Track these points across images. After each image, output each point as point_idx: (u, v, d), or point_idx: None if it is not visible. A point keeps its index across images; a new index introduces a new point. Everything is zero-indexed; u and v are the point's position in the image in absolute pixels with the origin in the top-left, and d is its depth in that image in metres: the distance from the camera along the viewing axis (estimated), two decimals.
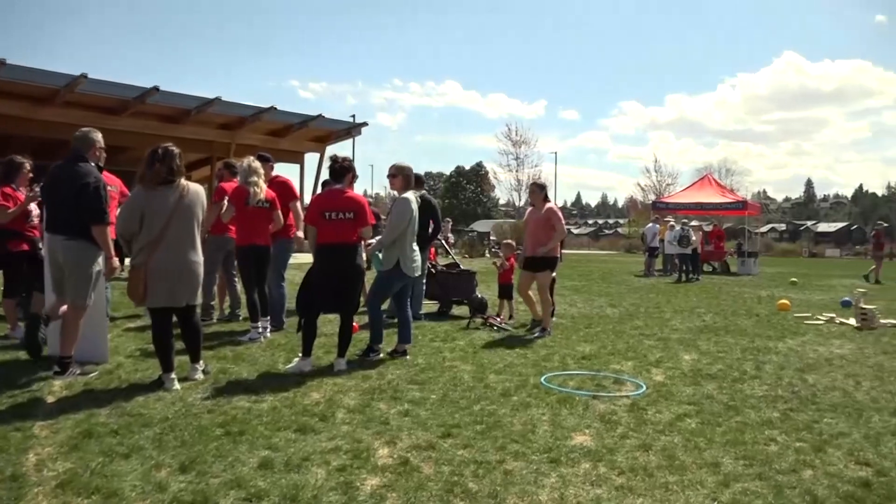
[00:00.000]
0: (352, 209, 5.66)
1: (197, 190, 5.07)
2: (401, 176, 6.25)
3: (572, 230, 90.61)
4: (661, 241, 19.92)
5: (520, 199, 54.47)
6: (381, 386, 5.07)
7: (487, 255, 30.48)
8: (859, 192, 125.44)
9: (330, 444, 3.73)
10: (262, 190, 6.85)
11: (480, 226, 65.30)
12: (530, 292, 8.22)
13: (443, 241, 15.88)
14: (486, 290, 9.95)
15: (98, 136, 5.38)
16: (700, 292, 14.19)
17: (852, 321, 9.13)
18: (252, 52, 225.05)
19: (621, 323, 8.94)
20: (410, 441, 3.82)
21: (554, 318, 8.65)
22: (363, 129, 28.43)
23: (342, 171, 5.82)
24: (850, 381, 5.65)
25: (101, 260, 5.20)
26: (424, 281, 8.82)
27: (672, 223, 19.40)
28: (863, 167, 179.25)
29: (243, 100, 30.74)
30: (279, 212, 7.15)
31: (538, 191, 8.10)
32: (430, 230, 8.20)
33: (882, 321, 9.07)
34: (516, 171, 53.68)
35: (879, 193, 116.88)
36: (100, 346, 5.61)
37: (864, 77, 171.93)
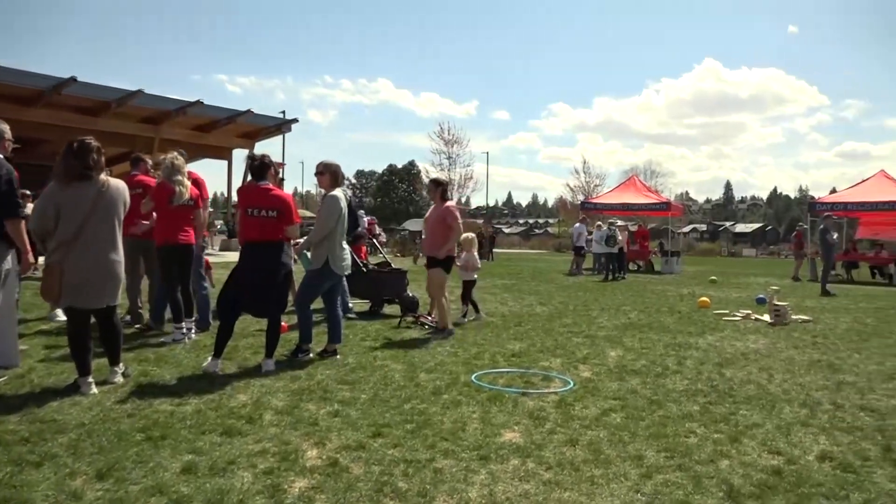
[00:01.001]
0: (276, 207, 5.55)
1: (118, 186, 4.87)
2: (328, 173, 6.17)
3: (504, 229, 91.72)
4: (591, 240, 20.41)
5: (451, 198, 54.76)
6: (310, 386, 5.00)
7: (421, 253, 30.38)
8: (774, 195, 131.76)
9: (257, 446, 3.65)
10: (188, 188, 6.64)
11: (412, 225, 65.30)
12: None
13: (374, 240, 15.79)
14: (418, 289, 9.95)
15: (5, 128, 5.10)
16: (626, 290, 14.60)
17: (766, 317, 9.57)
18: (177, 44, 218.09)
19: (550, 321, 9.11)
20: (340, 441, 3.78)
21: (483, 316, 8.73)
22: (293, 126, 28.01)
23: (262, 167, 5.68)
24: (763, 374, 5.92)
25: (10, 258, 4.93)
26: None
27: (599, 223, 19.91)
28: (777, 171, 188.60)
29: (168, 93, 29.76)
30: (202, 210, 6.97)
31: (435, 188, 7.82)
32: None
33: (793, 317, 9.56)
34: (449, 170, 53.74)
35: (792, 196, 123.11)
36: (9, 349, 5.31)
37: (777, 85, 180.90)
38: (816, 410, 4.72)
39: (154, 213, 6.66)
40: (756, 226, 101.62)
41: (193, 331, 6.81)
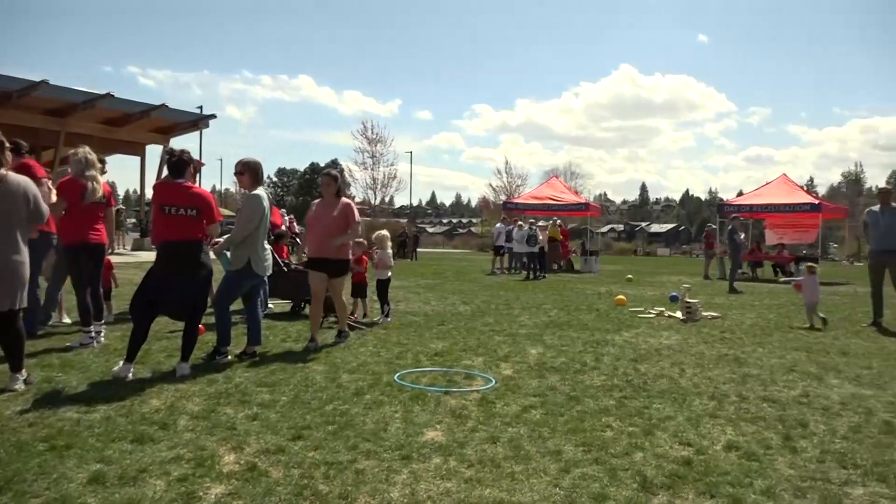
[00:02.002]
0: (195, 205, 5.36)
1: (18, 181, 4.60)
2: (249, 172, 6.02)
3: (427, 229, 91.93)
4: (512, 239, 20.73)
5: (375, 198, 54.36)
6: (228, 390, 4.86)
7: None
8: (686, 196, 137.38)
9: (170, 453, 3.52)
10: (101, 184, 6.34)
11: None
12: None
13: (297, 239, 15.51)
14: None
15: None
16: (546, 289, 14.90)
17: (679, 314, 9.97)
18: (85, 33, 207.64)
19: (473, 320, 9.19)
20: (259, 445, 3.69)
21: (389, 318, 8.67)
22: (211, 122, 27.22)
23: (181, 164, 5.46)
24: (675, 369, 6.16)
25: None
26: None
27: (520, 223, 20.25)
28: (689, 174, 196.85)
29: (75, 84, 28.34)
30: (113, 209, 6.68)
31: (332, 182, 6.83)
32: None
33: (703, 314, 9.99)
34: (372, 169, 53.51)
35: (703, 198, 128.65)
36: None
37: (689, 91, 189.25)
38: (724, 402, 4.95)
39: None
40: (670, 226, 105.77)
41: (102, 334, 6.51)
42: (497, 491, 3.18)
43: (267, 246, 6.22)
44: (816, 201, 22.57)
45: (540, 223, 20.99)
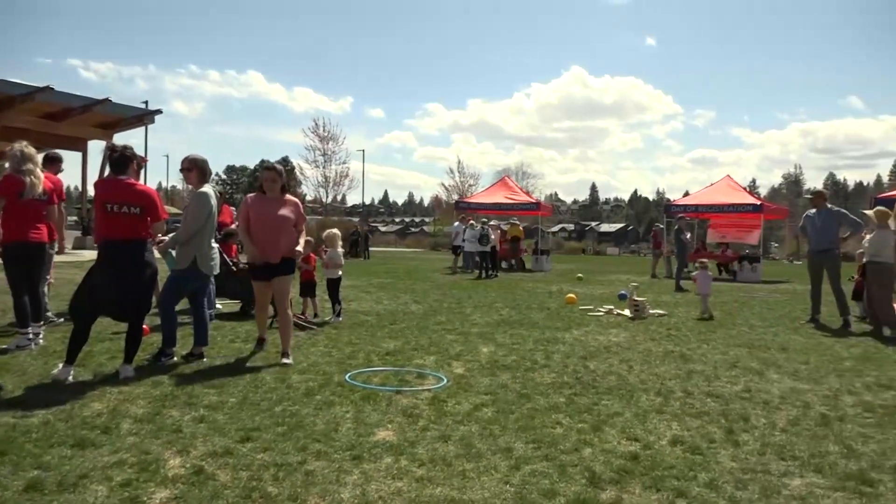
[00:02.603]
0: (139, 202, 5.21)
1: None
2: (196, 169, 5.89)
3: (380, 228, 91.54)
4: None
5: (327, 196, 53.86)
6: (173, 392, 4.74)
7: None
8: (634, 197, 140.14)
9: (113, 457, 3.42)
10: (41, 180, 6.11)
11: None
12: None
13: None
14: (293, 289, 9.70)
15: None
16: (498, 288, 15.00)
17: (627, 312, 10.16)
18: (22, 22, 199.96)
19: (425, 319, 9.19)
20: (206, 448, 3.62)
21: (340, 318, 8.61)
22: (157, 118, 26.53)
23: (124, 160, 5.29)
24: (624, 365, 6.28)
25: None
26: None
27: (472, 222, 20.37)
28: (637, 174, 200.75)
29: (11, 77, 27.25)
30: (56, 206, 6.45)
31: (278, 178, 6.15)
32: None
33: (651, 311, 10.21)
34: (323, 167, 52.98)
35: (650, 198, 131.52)
36: None
37: (637, 93, 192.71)
38: (669, 398, 5.06)
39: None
40: (619, 226, 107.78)
41: (41, 336, 6.28)
42: (448, 489, 3.19)
43: (214, 245, 6.10)
44: (758, 202, 23.28)
45: (492, 222, 21.14)
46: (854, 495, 3.24)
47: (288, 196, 6.23)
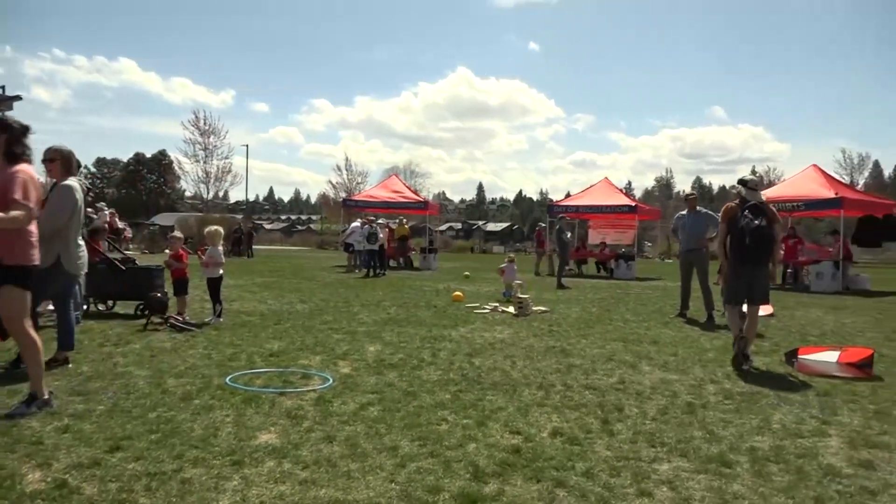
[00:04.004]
0: None
1: None
2: (60, 160, 5.49)
3: (264, 226, 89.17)
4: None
5: (208, 193, 51.67)
6: None
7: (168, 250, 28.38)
8: (519, 197, 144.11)
9: None
10: None
11: (163, 219, 60.93)
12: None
13: (117, 235, 14.39)
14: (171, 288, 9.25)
15: None
16: (386, 287, 14.98)
17: (511, 309, 10.43)
18: None
19: (311, 318, 9.03)
20: (70, 460, 3.37)
21: (221, 319, 8.31)
22: (16, 104, 24.47)
23: None
24: (508, 361, 6.44)
25: None
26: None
27: (372, 219, 20.29)
28: (522, 175, 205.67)
29: None
30: None
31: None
32: None
33: (534, 308, 10.54)
34: (204, 162, 50.73)
35: (534, 198, 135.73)
36: None
37: (521, 96, 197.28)
38: (550, 392, 5.24)
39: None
40: (504, 225, 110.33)
41: None
42: (333, 490, 3.14)
43: (81, 242, 5.71)
44: (633, 203, 24.57)
45: (380, 221, 21.10)
46: (715, 476, 3.48)
47: (17, 168, 4.24)
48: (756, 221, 6.33)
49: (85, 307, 8.49)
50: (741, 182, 6.79)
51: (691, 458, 3.75)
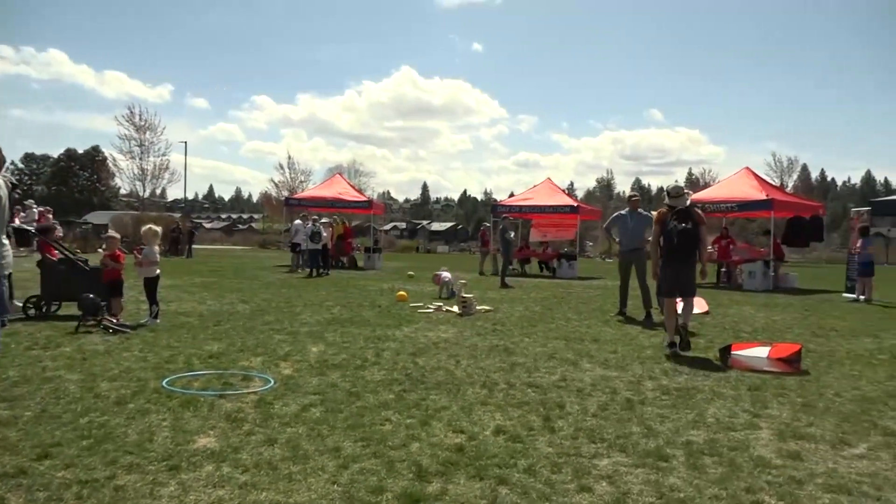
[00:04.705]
0: None
1: None
2: None
3: (204, 224, 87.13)
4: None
5: (144, 190, 50.09)
6: None
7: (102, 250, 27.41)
8: (464, 197, 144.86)
9: None
10: None
11: (97, 217, 58.93)
12: None
13: (46, 235, 13.93)
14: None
15: None
16: (329, 286, 14.83)
17: (455, 309, 10.47)
18: None
19: (252, 319, 8.87)
20: None
21: (158, 320, 8.08)
22: None
23: None
24: (452, 360, 6.46)
25: None
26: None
27: (315, 218, 20.05)
28: (466, 175, 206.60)
29: None
30: None
31: None
32: None
33: (478, 308, 10.60)
34: (140, 159, 49.09)
35: (479, 198, 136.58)
36: None
37: (465, 96, 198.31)
38: (494, 390, 5.28)
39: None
40: (449, 224, 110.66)
41: None
42: (273, 493, 3.09)
43: (5, 241, 5.44)
44: (575, 204, 24.97)
45: (324, 220, 20.88)
46: (652, 470, 3.57)
47: None
48: (682, 224, 7.09)
49: (34, 311, 8.19)
50: (665, 192, 7.77)
51: (630, 453, 3.83)
